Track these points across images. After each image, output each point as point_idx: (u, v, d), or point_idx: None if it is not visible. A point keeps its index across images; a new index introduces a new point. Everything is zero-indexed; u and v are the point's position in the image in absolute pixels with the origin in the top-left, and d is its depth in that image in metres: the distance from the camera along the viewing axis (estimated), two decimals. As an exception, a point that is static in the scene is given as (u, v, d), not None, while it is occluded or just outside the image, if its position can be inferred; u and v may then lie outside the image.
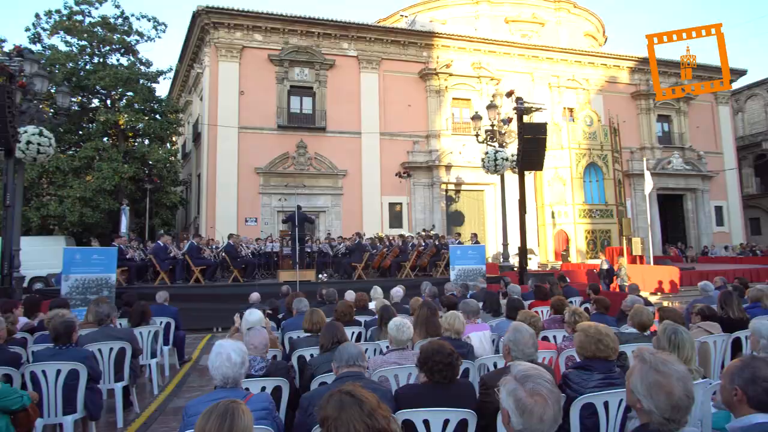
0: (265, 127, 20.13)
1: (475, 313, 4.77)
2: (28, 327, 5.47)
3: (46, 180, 18.35)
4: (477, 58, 22.96)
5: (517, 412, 1.55)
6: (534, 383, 1.58)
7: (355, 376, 2.62)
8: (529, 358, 2.75)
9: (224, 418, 1.52)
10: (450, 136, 22.16)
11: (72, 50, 19.12)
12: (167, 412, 5.32)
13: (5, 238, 9.41)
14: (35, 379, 3.69)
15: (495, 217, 21.73)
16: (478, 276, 10.82)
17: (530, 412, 1.53)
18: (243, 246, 13.13)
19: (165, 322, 6.66)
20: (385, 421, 1.56)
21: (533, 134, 12.11)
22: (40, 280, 15.63)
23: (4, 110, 8.56)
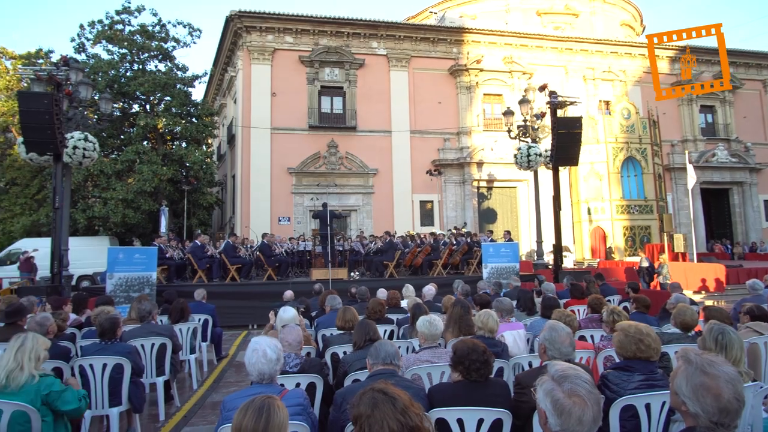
0: (297, 127, 20.42)
1: (509, 312, 4.70)
2: (77, 323, 5.75)
3: (91, 183, 19.19)
4: (508, 52, 22.56)
5: (554, 413, 1.51)
6: (572, 384, 1.54)
7: (389, 374, 2.62)
8: (566, 357, 2.68)
9: (260, 413, 1.55)
10: (481, 132, 21.88)
11: (113, 58, 19.91)
12: (206, 406, 5.47)
13: (55, 238, 9.89)
14: (83, 373, 3.87)
15: (528, 214, 21.31)
16: (511, 274, 10.66)
17: (568, 413, 1.49)
18: (277, 245, 13.36)
19: (203, 319, 6.86)
20: (418, 419, 1.56)
21: (568, 128, 11.81)
22: (87, 279, 16.37)
23: (52, 117, 9.00)
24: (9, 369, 2.68)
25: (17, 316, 4.52)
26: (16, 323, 4.44)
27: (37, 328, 3.91)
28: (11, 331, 4.00)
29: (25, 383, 2.71)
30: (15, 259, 16.05)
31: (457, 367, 2.63)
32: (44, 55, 20.21)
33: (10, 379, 2.68)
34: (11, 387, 2.68)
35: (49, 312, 5.10)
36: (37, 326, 3.96)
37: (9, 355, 2.72)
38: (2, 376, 2.66)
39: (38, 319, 4.11)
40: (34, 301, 5.94)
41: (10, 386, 2.68)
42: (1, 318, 4.76)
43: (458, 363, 2.62)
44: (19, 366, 2.70)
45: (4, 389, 2.67)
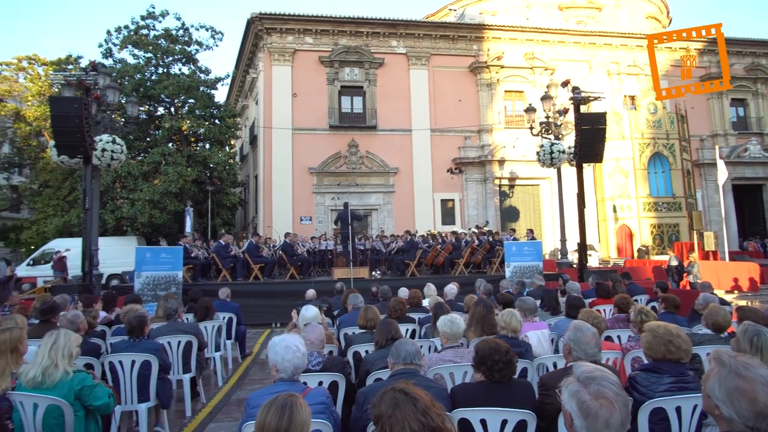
0: (318, 127, 20.57)
1: (533, 311, 4.63)
2: (107, 320, 5.91)
3: (120, 184, 19.71)
4: (529, 48, 22.25)
5: (580, 416, 1.48)
6: (599, 385, 1.50)
7: (410, 373, 2.61)
8: (591, 358, 2.63)
9: (283, 411, 1.57)
10: (503, 129, 21.64)
11: (139, 62, 20.41)
12: (231, 403, 5.56)
13: (85, 238, 10.19)
14: (113, 369, 3.99)
15: (552, 213, 20.99)
16: (534, 273, 10.51)
17: (595, 415, 1.45)
18: (299, 244, 13.49)
19: (227, 317, 6.97)
20: (439, 419, 1.54)
21: (591, 125, 11.57)
22: (117, 277, 16.83)
23: (82, 121, 9.27)
24: (44, 366, 2.77)
25: (51, 313, 4.67)
26: (50, 320, 4.59)
27: (68, 325, 4.04)
28: (45, 328, 4.13)
29: (60, 379, 2.80)
30: (49, 258, 16.62)
31: (479, 368, 2.61)
32: (74, 60, 20.82)
33: (45, 376, 2.77)
34: (47, 383, 2.77)
35: (81, 310, 5.27)
36: (69, 323, 4.09)
37: (43, 353, 2.81)
38: (38, 372, 2.76)
39: (70, 317, 4.25)
40: (66, 299, 6.12)
41: (45, 382, 2.77)
42: (36, 315, 4.93)
43: (480, 363, 2.59)
44: (54, 363, 2.79)
45: (40, 385, 2.77)
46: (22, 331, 3.16)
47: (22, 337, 3.09)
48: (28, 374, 2.76)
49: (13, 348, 2.97)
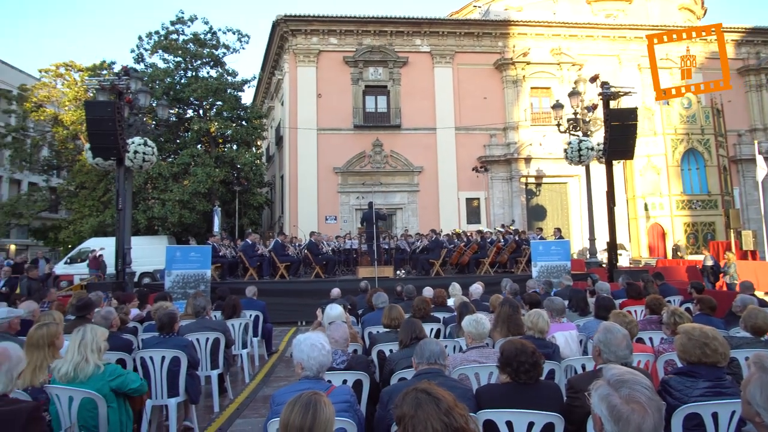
0: (342, 127, 20.68)
1: (561, 312, 4.52)
2: (139, 317, 6.08)
3: (151, 185, 20.27)
4: (556, 43, 21.82)
5: (611, 420, 1.42)
6: (630, 389, 1.45)
7: (435, 373, 2.59)
8: (622, 360, 2.55)
9: (307, 409, 1.57)
10: (529, 127, 21.30)
11: (169, 66, 20.94)
12: (257, 399, 5.64)
13: (119, 237, 10.52)
14: (144, 364, 4.09)
15: (580, 211, 20.56)
16: (562, 273, 10.29)
17: (626, 420, 1.40)
18: (324, 243, 13.59)
19: (254, 315, 7.07)
20: (462, 420, 1.52)
21: (622, 120, 11.26)
22: (148, 275, 17.31)
23: (115, 124, 9.57)
24: (75, 362, 2.87)
25: (86, 310, 4.84)
26: (85, 317, 4.75)
27: (102, 321, 4.17)
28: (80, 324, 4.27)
29: (92, 373, 2.90)
30: (85, 257, 17.24)
31: (504, 369, 2.56)
32: (107, 66, 21.52)
33: (77, 371, 2.87)
34: (80, 378, 2.87)
35: (114, 307, 5.44)
36: (102, 320, 4.23)
37: (73, 349, 2.91)
38: (70, 368, 2.86)
39: (103, 313, 4.39)
40: (100, 296, 6.34)
41: (78, 377, 2.87)
42: (72, 312, 5.12)
43: (506, 365, 2.55)
44: (84, 358, 2.88)
45: (73, 380, 2.87)
46: (58, 327, 3.28)
47: (58, 332, 3.21)
48: (61, 370, 2.87)
49: (50, 342, 3.08)
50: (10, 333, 3.99)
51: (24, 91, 23.29)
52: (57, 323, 3.33)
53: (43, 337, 3.08)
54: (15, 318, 4.13)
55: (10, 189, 29.05)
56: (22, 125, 23.02)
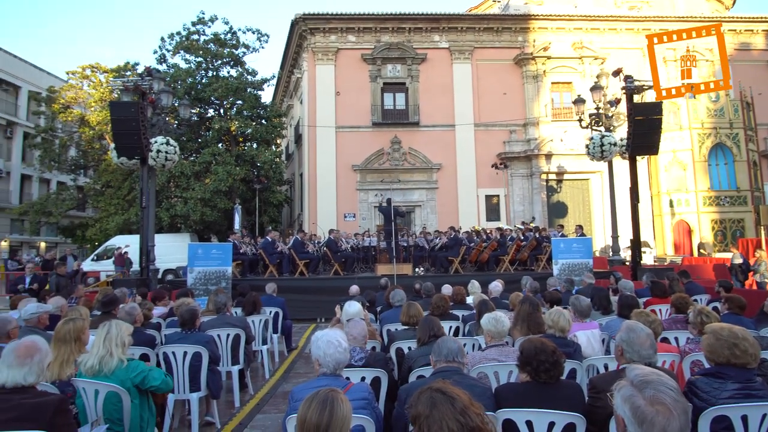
0: (361, 125, 20.71)
1: (586, 314, 4.39)
2: (163, 314, 6.21)
3: (173, 184, 20.63)
4: (578, 37, 21.42)
5: (634, 422, 1.38)
6: (655, 390, 1.40)
7: (453, 371, 2.57)
8: (646, 360, 2.48)
9: (324, 405, 1.57)
10: (549, 123, 20.98)
11: (190, 67, 21.26)
12: (277, 395, 5.70)
13: (142, 235, 10.74)
14: (167, 359, 4.17)
15: (602, 208, 20.16)
16: (584, 271, 10.12)
17: (651, 422, 1.36)
18: (343, 241, 13.64)
19: (274, 311, 7.15)
20: (479, 419, 1.50)
21: (646, 115, 10.97)
22: (172, 272, 17.65)
23: (138, 124, 9.76)
24: (100, 356, 2.94)
25: (111, 305, 4.96)
26: (110, 312, 4.87)
27: (126, 317, 4.27)
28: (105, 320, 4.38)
29: (116, 368, 2.97)
30: (111, 254, 17.66)
31: (524, 368, 2.52)
32: (131, 67, 21.98)
33: (102, 365, 2.94)
34: (104, 371, 2.94)
35: (138, 303, 5.56)
36: (127, 315, 4.33)
37: (98, 343, 2.98)
38: (95, 362, 2.93)
39: (127, 309, 4.49)
40: (125, 293, 6.48)
41: (103, 371, 2.94)
42: (98, 307, 5.25)
43: (526, 364, 2.51)
44: (108, 352, 2.95)
45: (98, 373, 2.94)
46: (84, 322, 3.37)
47: (84, 327, 3.30)
48: (87, 363, 2.94)
49: (77, 337, 3.17)
50: (39, 328, 4.11)
51: (52, 93, 23.96)
52: (83, 318, 3.42)
53: (70, 331, 3.16)
54: (44, 313, 4.25)
55: (40, 188, 29.99)
56: (51, 126, 23.70)
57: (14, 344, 2.37)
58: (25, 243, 29.76)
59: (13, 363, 2.28)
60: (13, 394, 2.25)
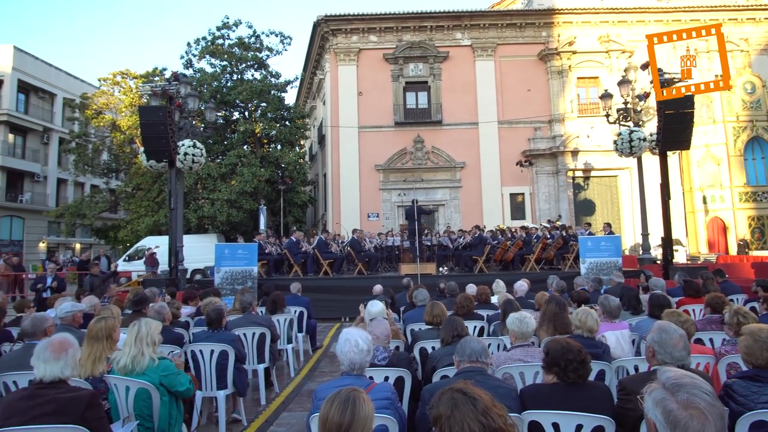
0: (383, 125, 20.72)
1: (615, 314, 4.25)
2: (192, 313, 6.34)
3: (201, 185, 21.09)
4: (604, 30, 20.92)
5: (666, 426, 1.33)
6: (688, 393, 1.35)
7: (477, 371, 2.53)
8: (678, 363, 2.40)
9: (346, 405, 1.57)
10: (575, 118, 20.55)
11: (216, 71, 21.69)
12: (302, 393, 5.75)
13: (171, 236, 11.01)
14: (194, 357, 4.26)
15: (632, 205, 19.65)
16: (613, 269, 9.87)
17: (684, 427, 1.30)
18: (366, 240, 13.67)
19: (298, 311, 7.21)
20: (501, 420, 1.47)
21: (677, 109, 10.62)
22: (200, 272, 18.03)
23: (167, 128, 10.01)
24: (132, 355, 3.03)
25: (141, 305, 5.10)
26: (141, 311, 5.01)
27: (155, 315, 4.38)
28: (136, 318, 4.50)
29: (147, 366, 3.05)
30: (142, 254, 18.17)
31: (551, 369, 2.47)
32: (159, 72, 22.54)
33: (134, 363, 3.02)
34: (136, 370, 3.02)
35: (167, 302, 5.69)
36: (156, 314, 4.44)
37: (130, 342, 3.07)
38: (128, 361, 3.02)
39: (157, 308, 4.61)
40: (155, 292, 6.64)
41: (135, 369, 3.02)
42: (129, 306, 5.40)
43: (553, 364, 2.45)
44: (140, 351, 3.04)
45: (131, 372, 3.02)
46: (115, 321, 3.46)
47: (115, 325, 3.40)
48: (120, 362, 3.03)
49: (108, 335, 3.26)
50: (74, 326, 4.26)
51: (85, 99, 24.80)
52: (114, 317, 3.52)
53: (102, 329, 3.26)
54: (78, 312, 4.40)
55: (75, 191, 31.06)
56: (84, 131, 24.53)
57: (47, 341, 2.46)
58: (61, 244, 30.90)
59: (49, 358, 2.36)
60: (50, 389, 2.34)
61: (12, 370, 3.28)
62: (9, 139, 27.50)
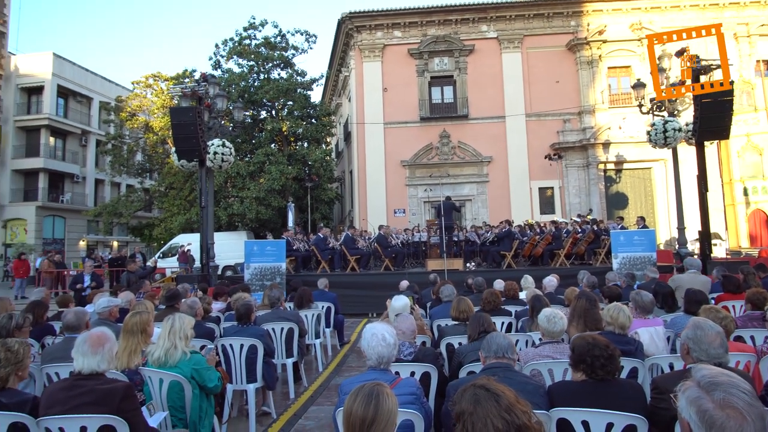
0: (409, 120, 20.65)
1: (648, 310, 4.12)
2: (222, 308, 6.49)
3: (230, 184, 21.51)
4: (636, 18, 20.22)
5: (702, 427, 1.28)
6: (725, 393, 1.29)
7: (503, 367, 2.50)
8: (715, 360, 2.30)
9: (369, 399, 1.57)
10: (606, 110, 19.98)
11: (243, 71, 22.04)
12: (330, 387, 5.82)
13: (202, 233, 11.27)
14: (225, 351, 4.36)
15: (667, 198, 19.00)
16: (647, 264, 9.57)
17: (721, 427, 1.24)
18: (393, 236, 13.68)
19: (326, 306, 7.29)
20: (525, 417, 1.44)
21: (714, 97, 10.16)
22: (230, 269, 18.42)
23: (196, 128, 10.24)
24: (166, 348, 3.13)
25: (174, 300, 5.26)
26: (173, 306, 5.16)
27: (188, 310, 4.51)
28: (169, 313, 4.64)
29: (180, 359, 3.14)
30: (175, 251, 18.70)
31: (578, 366, 2.41)
32: (189, 74, 23.06)
33: (167, 357, 3.12)
34: (170, 363, 3.12)
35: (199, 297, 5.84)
36: (188, 308, 4.57)
37: (164, 336, 3.17)
38: (161, 354, 3.12)
39: (189, 303, 4.74)
40: (187, 288, 6.84)
41: (168, 362, 3.12)
42: (162, 301, 5.57)
43: (580, 361, 2.40)
44: (173, 345, 3.13)
45: (164, 364, 3.12)
46: (149, 315, 3.58)
47: (149, 320, 3.51)
48: (154, 355, 3.14)
49: (143, 329, 3.38)
50: (111, 320, 4.42)
51: (120, 102, 25.65)
52: (148, 312, 3.63)
53: (137, 324, 3.37)
54: (114, 307, 4.57)
55: (111, 191, 32.25)
56: (119, 133, 25.40)
57: (86, 334, 2.56)
58: (100, 242, 32.14)
59: (87, 351, 2.46)
60: (88, 380, 2.44)
61: (54, 362, 3.44)
62: (50, 142, 28.76)
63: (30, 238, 26.98)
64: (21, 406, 2.44)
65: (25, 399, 2.49)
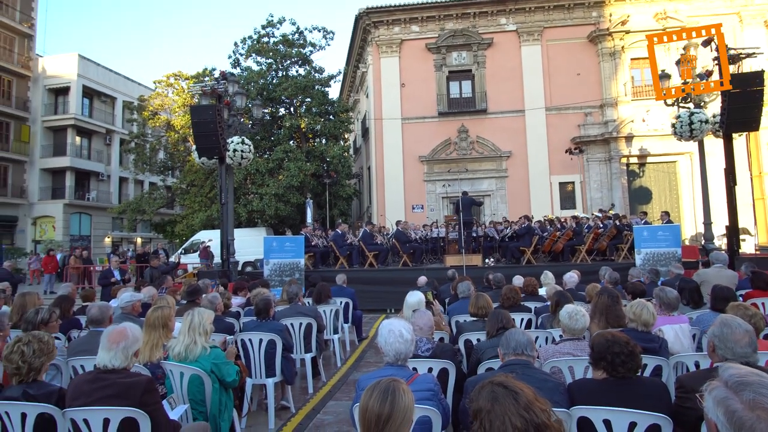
0: (427, 115, 20.53)
1: (673, 307, 4.01)
2: (242, 303, 6.57)
3: (249, 181, 21.73)
4: (661, 7, 19.67)
5: (730, 428, 1.23)
6: (755, 393, 1.23)
7: (522, 364, 2.46)
8: (743, 359, 2.22)
9: (386, 395, 1.56)
10: (629, 102, 19.52)
11: (262, 68, 22.21)
12: (348, 382, 5.85)
13: (222, 230, 11.42)
14: (244, 346, 4.41)
15: (692, 192, 18.50)
16: (671, 261, 9.35)
17: (750, 429, 1.19)
18: (411, 232, 13.65)
19: (344, 302, 7.32)
20: (545, 415, 1.41)
21: (744, 87, 9.79)
22: (250, 264, 18.64)
23: (216, 126, 10.36)
24: (186, 344, 3.18)
25: (195, 295, 5.34)
26: (194, 301, 5.24)
27: (208, 305, 4.58)
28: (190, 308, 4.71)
29: (200, 354, 3.19)
30: (196, 248, 19.00)
31: (599, 364, 2.36)
32: (209, 73, 23.33)
33: (188, 351, 3.17)
34: (189, 358, 3.17)
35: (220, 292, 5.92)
36: (209, 303, 4.64)
37: (184, 331, 3.22)
38: (182, 349, 3.17)
39: (210, 298, 4.81)
40: (208, 283, 6.94)
41: (188, 357, 3.17)
42: (184, 297, 5.67)
43: (600, 359, 2.34)
44: (193, 341, 3.18)
45: (185, 359, 3.18)
46: (170, 310, 3.64)
47: (170, 315, 3.57)
48: (175, 350, 3.19)
49: (164, 324, 3.44)
50: (133, 314, 4.52)
51: (142, 101, 26.14)
52: (169, 307, 3.70)
53: (158, 318, 3.44)
54: (137, 302, 4.67)
55: (135, 189, 32.97)
56: (142, 132, 25.90)
57: (110, 329, 2.62)
58: (124, 239, 32.91)
59: (105, 347, 2.52)
60: (111, 374, 2.49)
61: (79, 355, 3.53)
62: (76, 142, 29.52)
63: (58, 235, 27.79)
64: (48, 397, 2.51)
65: (52, 390, 2.56)
